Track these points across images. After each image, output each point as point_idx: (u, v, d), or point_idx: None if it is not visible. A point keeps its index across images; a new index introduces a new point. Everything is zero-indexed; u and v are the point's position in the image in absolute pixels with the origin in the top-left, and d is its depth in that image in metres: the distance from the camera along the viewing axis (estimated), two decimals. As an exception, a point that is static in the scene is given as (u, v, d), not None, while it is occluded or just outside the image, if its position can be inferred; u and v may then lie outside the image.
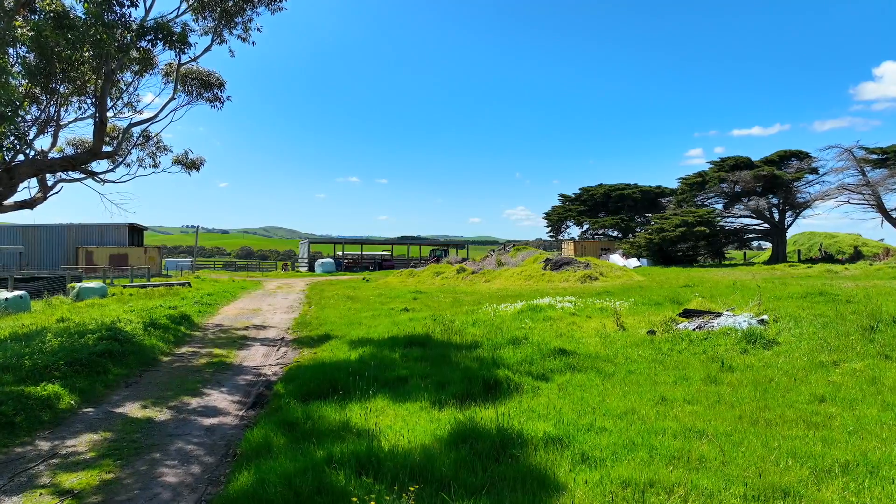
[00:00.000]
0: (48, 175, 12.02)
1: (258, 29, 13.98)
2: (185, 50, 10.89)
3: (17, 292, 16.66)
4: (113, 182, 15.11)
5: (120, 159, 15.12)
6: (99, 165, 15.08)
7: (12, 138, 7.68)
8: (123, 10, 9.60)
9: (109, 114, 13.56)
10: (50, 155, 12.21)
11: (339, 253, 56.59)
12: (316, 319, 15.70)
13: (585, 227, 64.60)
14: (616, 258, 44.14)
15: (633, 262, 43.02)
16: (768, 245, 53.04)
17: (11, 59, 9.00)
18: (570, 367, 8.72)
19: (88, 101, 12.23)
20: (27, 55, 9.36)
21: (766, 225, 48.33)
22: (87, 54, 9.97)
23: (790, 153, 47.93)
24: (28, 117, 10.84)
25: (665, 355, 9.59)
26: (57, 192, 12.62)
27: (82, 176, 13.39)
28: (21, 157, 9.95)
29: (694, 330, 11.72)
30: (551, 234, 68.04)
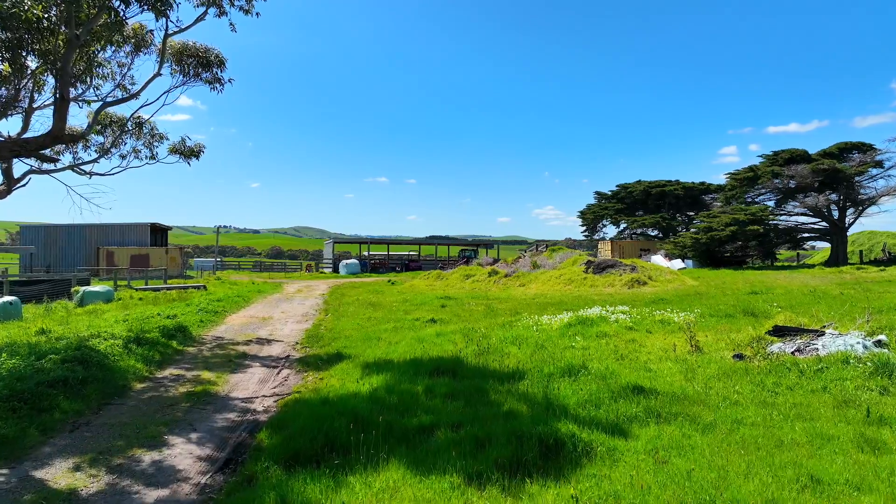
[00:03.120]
0: (17, 165, 10.40)
1: (262, -3, 12.13)
2: (168, 12, 9.03)
3: (7, 298, 15.19)
4: (101, 175, 13.45)
5: (111, 147, 13.43)
6: (89, 155, 13.43)
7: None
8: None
9: (91, 96, 11.95)
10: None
11: (365, 253, 54.85)
12: (329, 332, 13.74)
13: (623, 226, 61.33)
14: (658, 259, 41.08)
15: (678, 263, 39.93)
16: (824, 245, 49.02)
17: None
18: (653, 413, 6.46)
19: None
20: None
21: (823, 223, 44.43)
22: (45, 15, 8.18)
23: (851, 145, 43.90)
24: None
25: (773, 394, 7.26)
26: (24, 185, 11.05)
27: (60, 167, 11.72)
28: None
29: (793, 354, 9.29)
30: (586, 233, 64.92)
